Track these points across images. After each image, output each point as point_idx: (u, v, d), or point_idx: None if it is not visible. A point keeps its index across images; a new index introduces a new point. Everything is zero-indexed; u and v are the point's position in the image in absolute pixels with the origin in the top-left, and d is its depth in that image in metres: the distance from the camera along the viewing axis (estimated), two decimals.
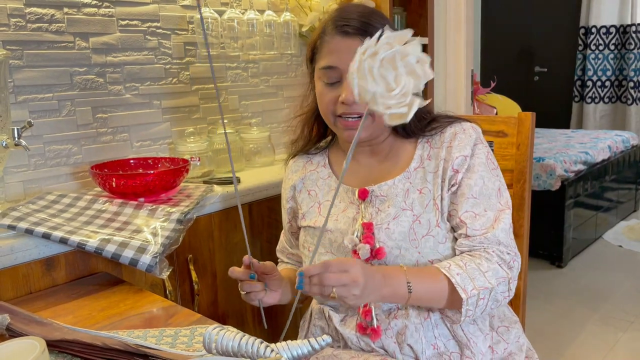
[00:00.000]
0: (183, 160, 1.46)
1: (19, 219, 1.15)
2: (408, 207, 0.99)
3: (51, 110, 1.42)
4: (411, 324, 0.97)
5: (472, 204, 0.98)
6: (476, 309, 0.93)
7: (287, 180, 1.18)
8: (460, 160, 0.99)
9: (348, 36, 0.96)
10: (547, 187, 3.09)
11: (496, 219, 0.98)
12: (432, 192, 1.00)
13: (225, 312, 1.47)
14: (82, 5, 1.44)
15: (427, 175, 1.01)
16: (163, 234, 1.17)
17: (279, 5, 1.90)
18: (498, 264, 0.95)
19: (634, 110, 4.92)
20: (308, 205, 1.11)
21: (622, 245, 3.46)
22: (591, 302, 2.72)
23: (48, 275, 1.13)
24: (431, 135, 1.05)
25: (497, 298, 0.95)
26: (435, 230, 0.98)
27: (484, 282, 0.92)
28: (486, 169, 1.00)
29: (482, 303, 0.93)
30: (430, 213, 0.99)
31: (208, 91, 1.76)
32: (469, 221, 0.97)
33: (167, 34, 1.63)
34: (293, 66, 2.01)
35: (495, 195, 1.00)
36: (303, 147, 1.16)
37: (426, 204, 0.99)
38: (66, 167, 1.46)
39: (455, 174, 0.99)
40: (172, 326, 0.92)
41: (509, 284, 0.96)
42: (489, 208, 0.98)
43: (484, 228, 0.97)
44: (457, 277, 0.91)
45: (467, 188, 0.98)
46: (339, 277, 0.83)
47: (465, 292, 0.91)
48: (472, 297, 0.91)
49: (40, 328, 0.87)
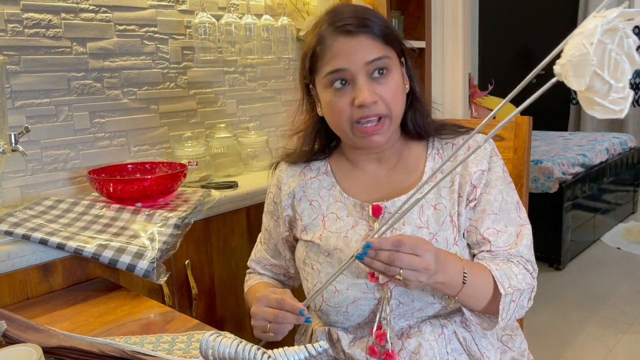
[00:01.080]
0: (181, 165, 1.46)
1: (16, 225, 1.15)
2: (424, 225, 0.95)
3: (48, 116, 1.42)
4: (425, 341, 0.93)
5: (493, 220, 0.95)
6: (507, 313, 0.90)
7: (282, 185, 1.08)
8: (478, 175, 0.96)
9: (351, 35, 0.92)
10: (545, 190, 3.09)
11: (518, 234, 0.96)
12: (447, 208, 0.96)
13: (223, 316, 1.47)
14: (79, 11, 1.45)
15: (441, 190, 0.97)
16: (160, 239, 1.17)
17: (277, 10, 1.90)
18: (526, 269, 0.94)
19: (632, 113, 4.94)
20: (310, 216, 1.03)
21: (620, 248, 3.46)
22: (590, 304, 2.72)
23: (45, 281, 1.13)
24: (441, 146, 1.01)
25: (522, 304, 0.93)
26: (453, 249, 0.94)
27: (517, 283, 0.90)
28: (504, 182, 0.98)
29: (512, 306, 0.90)
30: (447, 230, 0.95)
31: (206, 96, 1.76)
32: (492, 238, 0.94)
33: (165, 39, 1.64)
34: (291, 70, 2.02)
35: (515, 210, 0.98)
36: (298, 160, 1.09)
37: (442, 220, 0.95)
38: (63, 172, 1.46)
39: (474, 189, 0.96)
40: (170, 332, 0.92)
41: (531, 293, 0.95)
42: (510, 223, 0.96)
43: (507, 245, 0.95)
44: (497, 272, 0.89)
45: (487, 204, 0.95)
46: (411, 260, 0.78)
47: (503, 287, 0.88)
48: (508, 295, 0.88)
49: (36, 335, 0.87)
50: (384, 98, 0.92)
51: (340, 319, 0.97)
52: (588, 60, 0.55)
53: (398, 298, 0.93)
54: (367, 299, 0.94)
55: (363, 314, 0.95)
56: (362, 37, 0.92)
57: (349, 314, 0.96)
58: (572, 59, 0.57)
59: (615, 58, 0.55)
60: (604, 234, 3.69)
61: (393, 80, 0.94)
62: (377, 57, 0.92)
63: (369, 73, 0.92)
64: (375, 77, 0.93)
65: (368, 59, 0.91)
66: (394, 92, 0.94)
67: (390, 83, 0.93)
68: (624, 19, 0.56)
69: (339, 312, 0.96)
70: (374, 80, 0.93)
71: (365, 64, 0.91)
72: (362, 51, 0.92)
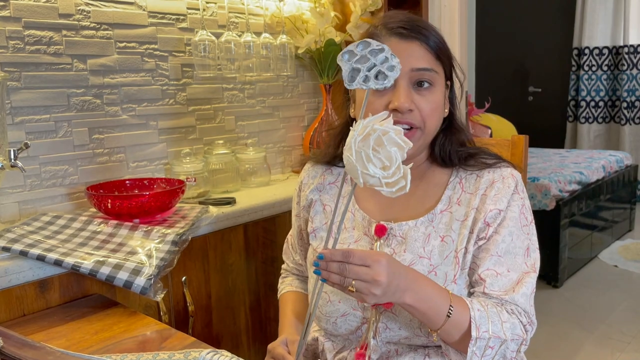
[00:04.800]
0: (179, 181, 1.47)
1: (13, 241, 1.15)
2: (426, 255, 0.92)
3: (48, 131, 1.43)
4: None
5: (495, 262, 0.90)
6: (482, 358, 0.84)
7: (305, 184, 1.09)
8: (494, 213, 0.91)
9: (405, 38, 0.91)
10: (542, 207, 3.10)
11: (519, 281, 0.90)
12: (455, 242, 0.92)
13: (220, 333, 1.46)
14: (80, 28, 1.46)
15: (454, 222, 0.93)
16: (158, 256, 1.17)
17: (276, 28, 1.92)
18: (519, 319, 0.88)
19: (628, 131, 4.97)
20: (321, 221, 1.04)
21: (617, 265, 3.46)
22: (588, 322, 2.71)
23: (42, 297, 1.13)
24: (465, 176, 0.97)
25: (505, 355, 0.87)
26: (451, 286, 0.90)
27: (499, 331, 0.84)
28: (517, 224, 0.92)
29: (489, 352, 0.84)
30: (449, 266, 0.91)
31: (205, 112, 1.77)
32: (488, 280, 0.89)
33: (165, 56, 1.65)
34: (289, 87, 2.03)
35: (522, 255, 0.92)
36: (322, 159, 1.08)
37: (446, 255, 0.92)
38: (62, 187, 1.46)
39: (487, 227, 0.92)
40: (166, 350, 0.92)
41: (520, 345, 0.88)
42: (513, 269, 0.90)
43: (503, 290, 0.89)
44: (477, 313, 0.84)
45: (493, 244, 0.91)
46: (358, 271, 0.76)
47: (477, 330, 0.83)
48: (482, 340, 0.83)
49: (33, 352, 0.87)
50: (421, 109, 0.91)
51: (329, 327, 0.98)
52: (354, 166, 0.71)
53: (385, 322, 0.92)
54: (356, 315, 0.94)
55: (350, 329, 0.96)
56: (415, 43, 0.91)
57: (337, 325, 0.97)
58: (346, 167, 0.73)
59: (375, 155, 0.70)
60: (601, 252, 3.69)
61: (435, 95, 0.92)
62: (425, 67, 0.91)
63: (412, 80, 0.91)
64: (417, 87, 0.92)
65: (416, 66, 0.90)
66: (432, 107, 0.92)
67: (431, 97, 0.92)
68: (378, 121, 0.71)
69: (329, 322, 0.97)
70: (416, 89, 0.91)
71: (411, 70, 0.90)
72: (412, 57, 0.90)
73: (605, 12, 5.02)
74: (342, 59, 0.75)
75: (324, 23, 1.93)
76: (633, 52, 4.91)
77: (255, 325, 1.56)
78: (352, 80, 0.76)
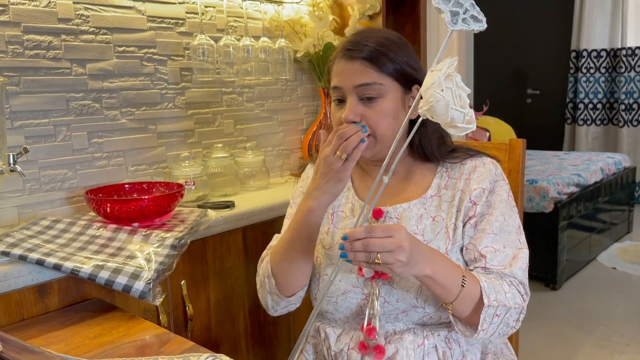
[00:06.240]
0: (178, 185, 1.47)
1: (12, 245, 1.15)
2: (419, 233, 1.01)
3: (47, 136, 1.43)
4: (403, 349, 0.97)
5: (492, 239, 0.99)
6: (489, 326, 0.92)
7: (306, 180, 1.18)
8: (478, 192, 1.01)
9: (349, 59, 1.00)
10: (540, 209, 3.10)
11: (515, 256, 0.99)
12: (445, 220, 1.01)
13: (219, 337, 1.46)
14: (79, 32, 1.46)
15: (442, 204, 1.03)
16: (157, 260, 1.17)
17: (274, 32, 1.93)
18: (517, 290, 0.96)
19: (626, 133, 4.98)
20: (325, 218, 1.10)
21: (616, 267, 3.47)
22: (586, 324, 2.71)
23: (41, 301, 1.13)
24: (451, 165, 1.06)
25: (508, 322, 0.95)
26: None
27: (504, 299, 0.92)
28: (507, 206, 1.02)
29: (496, 321, 0.92)
30: (441, 241, 1.00)
31: (203, 116, 1.78)
32: (489, 255, 0.98)
33: (164, 60, 1.66)
34: (288, 91, 2.04)
35: (515, 233, 1.01)
36: None
37: (438, 231, 1.01)
38: (61, 191, 1.47)
39: (473, 205, 1.01)
40: (165, 354, 0.92)
41: (519, 314, 0.96)
42: (508, 245, 0.99)
43: (502, 264, 0.98)
44: (485, 284, 0.92)
45: (488, 224, 0.99)
46: (383, 242, 0.82)
47: (488, 298, 0.90)
48: (491, 308, 0.90)
49: (32, 357, 0.87)
50: (367, 118, 0.99)
51: (329, 308, 1.04)
52: (444, 102, 0.78)
53: (384, 296, 0.99)
54: (356, 292, 1.01)
55: (350, 307, 1.02)
56: (357, 62, 0.99)
57: (337, 305, 1.03)
58: (433, 104, 0.79)
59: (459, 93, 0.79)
60: (600, 254, 3.69)
61: (382, 104, 1.00)
62: (366, 82, 0.99)
63: (359, 95, 1.00)
64: (366, 101, 1.00)
65: (357, 83, 0.99)
66: (379, 116, 0.99)
67: (377, 107, 0.99)
68: (452, 67, 0.80)
69: (329, 302, 1.03)
70: (364, 103, 1.00)
71: (354, 87, 0.99)
72: (355, 75, 0.99)
73: (603, 14, 5.04)
74: (439, 1, 0.80)
75: (323, 27, 1.93)
76: (631, 54, 4.93)
77: (254, 329, 1.56)
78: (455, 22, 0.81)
